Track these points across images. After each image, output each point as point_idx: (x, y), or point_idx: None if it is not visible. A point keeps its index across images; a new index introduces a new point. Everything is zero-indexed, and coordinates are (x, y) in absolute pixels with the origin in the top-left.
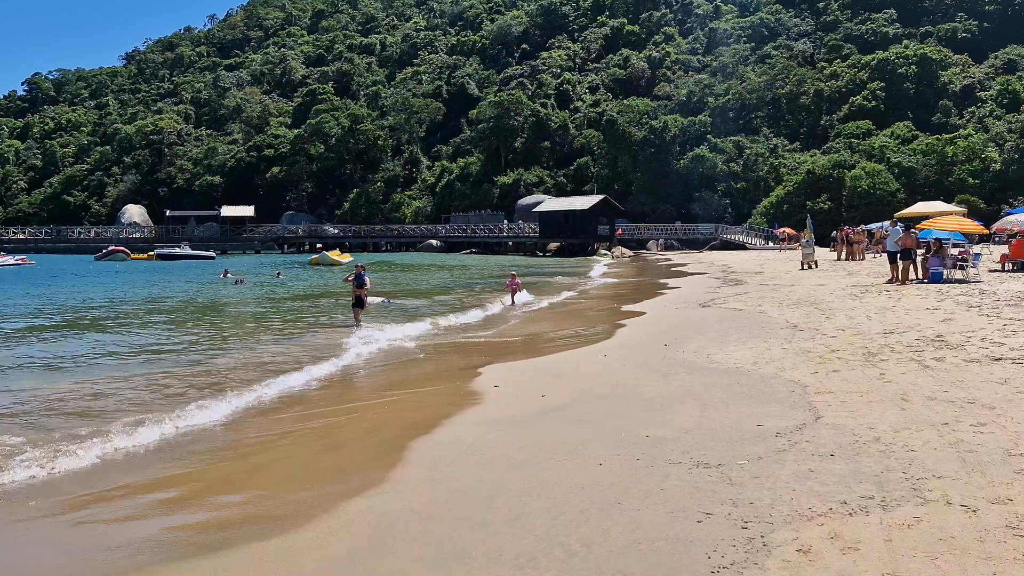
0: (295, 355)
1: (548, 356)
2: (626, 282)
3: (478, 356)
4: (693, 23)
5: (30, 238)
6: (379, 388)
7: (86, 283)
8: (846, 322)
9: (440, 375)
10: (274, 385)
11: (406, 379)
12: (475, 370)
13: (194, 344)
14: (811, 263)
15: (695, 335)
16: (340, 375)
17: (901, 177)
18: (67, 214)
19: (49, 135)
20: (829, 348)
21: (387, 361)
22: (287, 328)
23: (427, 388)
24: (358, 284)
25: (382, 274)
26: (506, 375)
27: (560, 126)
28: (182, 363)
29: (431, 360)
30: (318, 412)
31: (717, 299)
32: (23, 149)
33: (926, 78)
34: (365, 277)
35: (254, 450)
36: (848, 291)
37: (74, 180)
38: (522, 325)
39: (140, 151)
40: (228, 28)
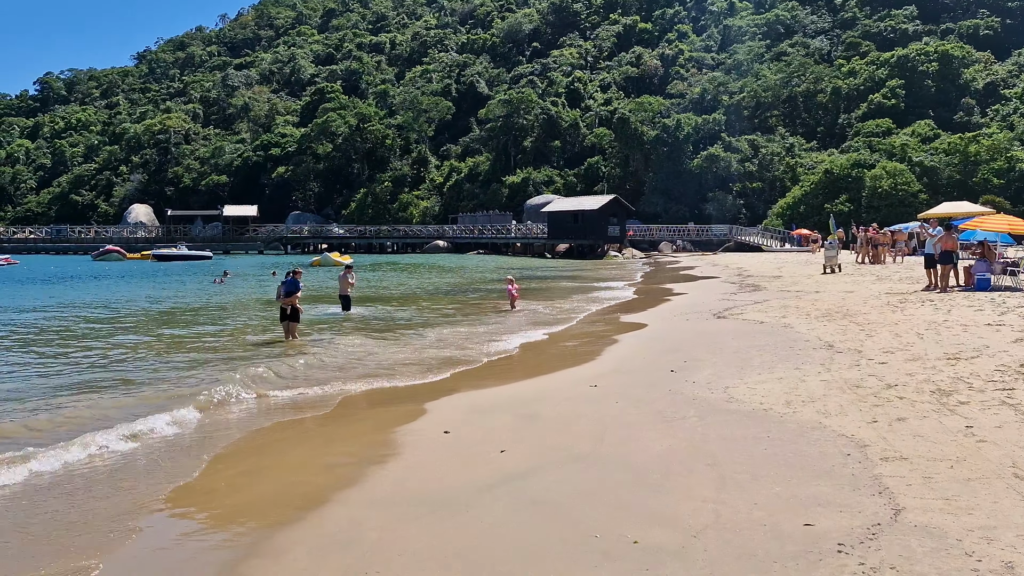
0: (106, 412)
1: (527, 382)
2: (633, 285)
3: (445, 379)
4: (707, 20)
5: (30, 237)
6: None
7: (59, 285)
8: (893, 341)
9: (362, 416)
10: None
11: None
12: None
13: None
14: (834, 267)
15: (708, 356)
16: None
17: (923, 177)
18: (75, 213)
19: (59, 135)
20: (883, 381)
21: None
22: (195, 352)
23: (341, 431)
24: (286, 292)
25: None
26: (464, 414)
27: (571, 125)
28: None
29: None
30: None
31: (733, 308)
32: (33, 149)
33: (948, 75)
34: (297, 283)
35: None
36: (883, 300)
37: (82, 179)
38: (507, 335)
39: (147, 150)
40: (239, 27)
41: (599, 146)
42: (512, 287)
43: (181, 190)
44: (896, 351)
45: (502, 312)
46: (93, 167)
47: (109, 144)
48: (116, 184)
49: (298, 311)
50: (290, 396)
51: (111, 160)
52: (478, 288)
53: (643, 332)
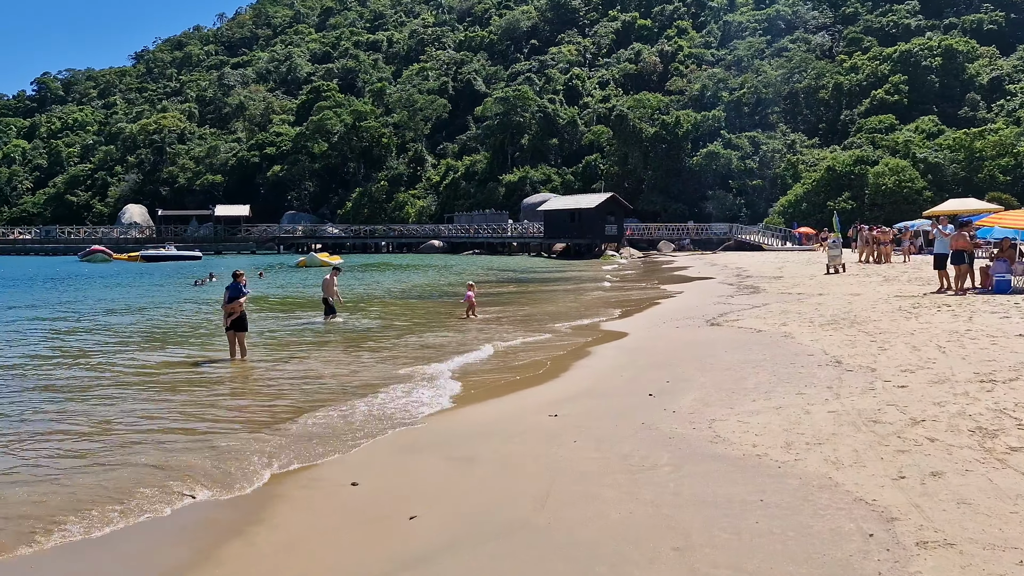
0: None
1: (478, 408)
2: (622, 287)
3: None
4: (707, 16)
5: (20, 239)
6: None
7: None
8: (911, 357)
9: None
10: None
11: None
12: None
13: None
14: (838, 267)
15: (696, 374)
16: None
17: (927, 174)
18: (70, 214)
19: (55, 135)
20: (905, 413)
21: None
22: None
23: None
24: (229, 298)
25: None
26: (387, 456)
27: (568, 122)
28: None
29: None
30: None
31: (729, 313)
32: (29, 149)
33: (952, 70)
34: (244, 289)
35: None
36: (894, 304)
37: (78, 180)
38: (468, 342)
39: (143, 150)
40: (237, 26)
41: (597, 144)
42: (470, 293)
43: (176, 190)
44: (916, 370)
45: (469, 320)
46: (89, 167)
47: (105, 144)
48: (111, 184)
49: (244, 319)
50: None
51: (107, 160)
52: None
53: (625, 343)
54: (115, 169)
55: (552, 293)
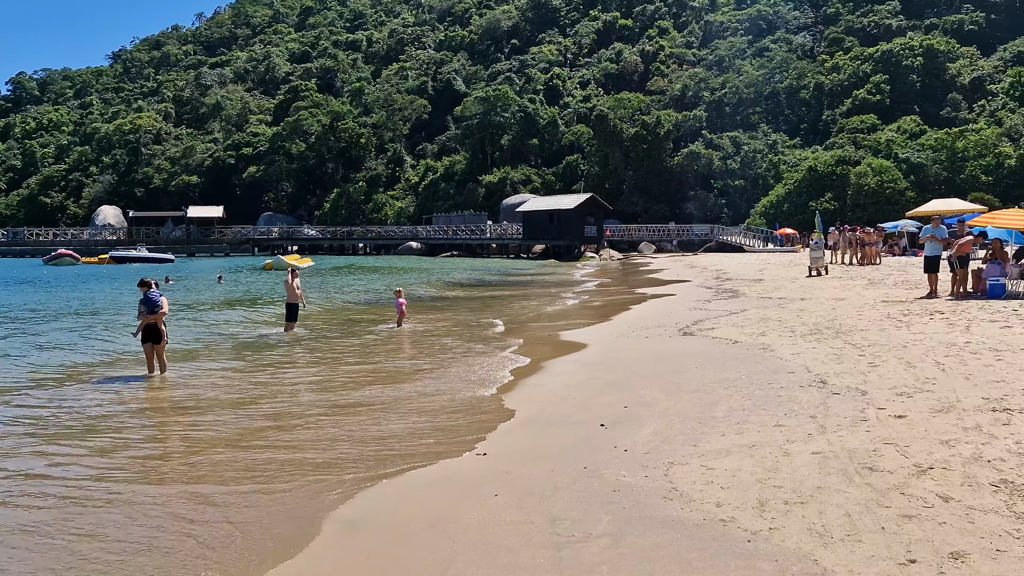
0: None
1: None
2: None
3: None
4: (688, 16)
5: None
6: None
7: None
8: (907, 375)
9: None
10: None
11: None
12: None
13: None
14: (820, 269)
15: (660, 398)
16: None
17: (910, 174)
18: (44, 216)
19: (30, 135)
20: (909, 458)
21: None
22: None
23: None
24: (148, 308)
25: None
26: None
27: (549, 122)
28: None
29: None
30: None
31: (704, 321)
32: (3, 150)
33: (933, 70)
34: (159, 298)
35: None
36: (881, 310)
37: (52, 181)
38: (393, 359)
39: (118, 150)
40: (215, 26)
41: (578, 144)
42: (400, 301)
43: (151, 191)
44: (914, 393)
45: (399, 330)
46: (63, 168)
47: (80, 145)
48: (86, 185)
49: (161, 332)
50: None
51: (81, 161)
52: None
53: (586, 355)
54: (90, 170)
55: (516, 298)
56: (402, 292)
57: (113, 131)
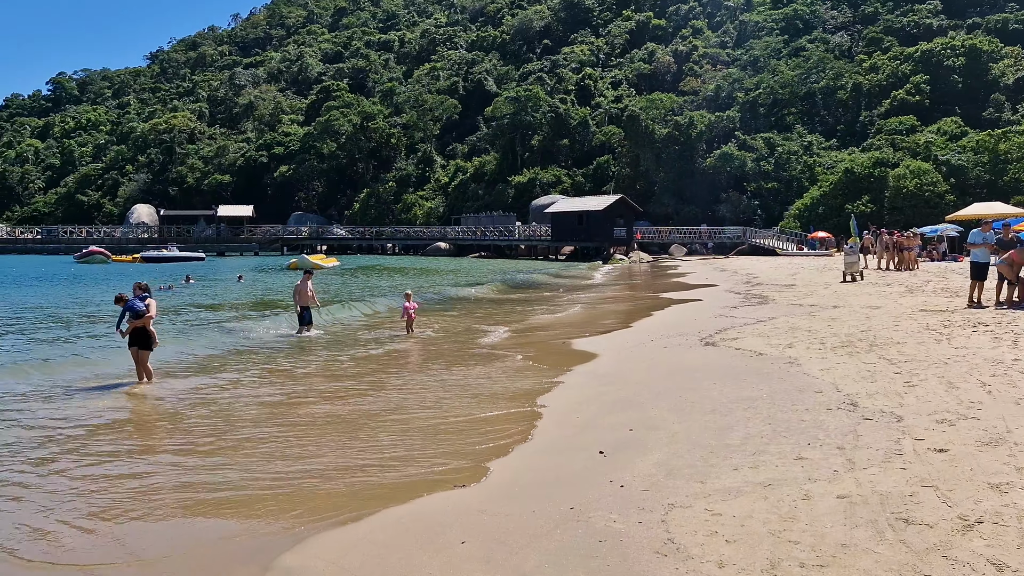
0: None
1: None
2: (614, 296)
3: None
4: (723, 16)
5: (21, 238)
6: None
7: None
8: (948, 399)
9: None
10: None
11: None
12: None
13: None
14: (855, 274)
15: (669, 420)
16: None
17: (950, 177)
18: (80, 213)
19: (69, 134)
20: (953, 507)
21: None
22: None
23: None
24: (133, 313)
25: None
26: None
27: (580, 123)
28: None
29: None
30: None
31: (729, 330)
32: (43, 148)
33: (975, 71)
34: (138, 304)
35: None
36: (919, 320)
37: (89, 179)
38: (382, 375)
39: (153, 149)
40: (251, 27)
41: (609, 145)
42: (408, 305)
43: (184, 190)
44: (957, 420)
45: (408, 337)
46: (100, 167)
47: (117, 144)
48: (122, 184)
49: (150, 337)
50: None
51: (118, 160)
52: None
53: (598, 368)
54: (126, 169)
55: (534, 301)
56: (411, 296)
57: (148, 130)
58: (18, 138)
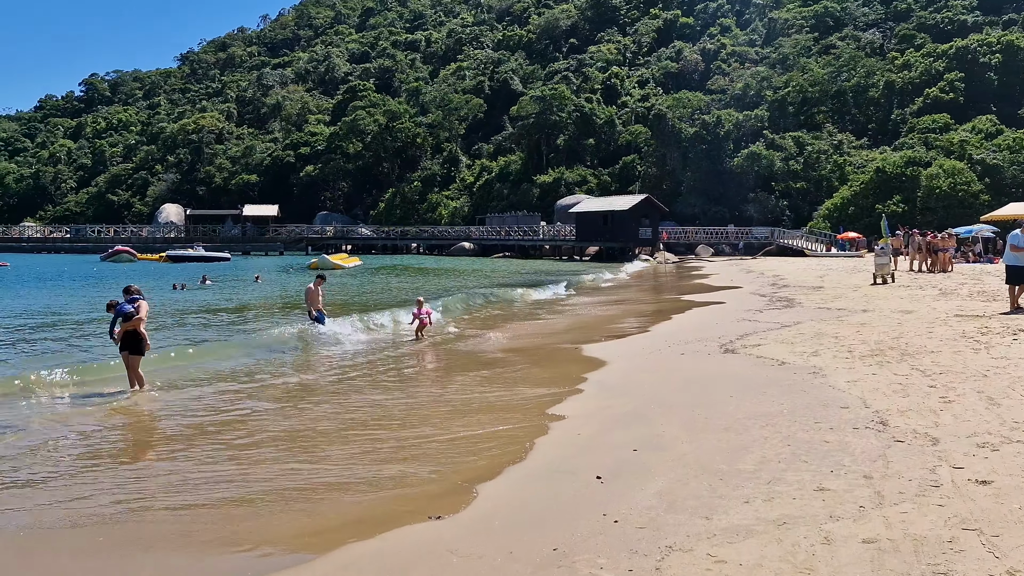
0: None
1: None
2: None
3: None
4: (751, 13)
5: (51, 237)
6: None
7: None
8: (989, 417)
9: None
10: None
11: None
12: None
13: None
14: (886, 277)
15: (678, 439)
16: None
17: (985, 176)
18: (111, 213)
19: (100, 135)
20: (1002, 558)
21: None
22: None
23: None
24: (123, 317)
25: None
26: None
27: (606, 122)
28: None
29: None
30: None
31: (751, 335)
32: (75, 149)
33: (1012, 68)
34: (127, 307)
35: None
36: (955, 327)
37: (119, 179)
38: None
39: (181, 149)
40: (279, 28)
41: (635, 144)
42: (422, 311)
43: (212, 189)
44: (1000, 444)
45: (419, 340)
46: (130, 167)
47: (147, 144)
48: (151, 184)
49: (141, 340)
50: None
51: (147, 160)
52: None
53: (608, 377)
54: (155, 169)
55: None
56: (423, 302)
57: (177, 131)
58: (51, 139)
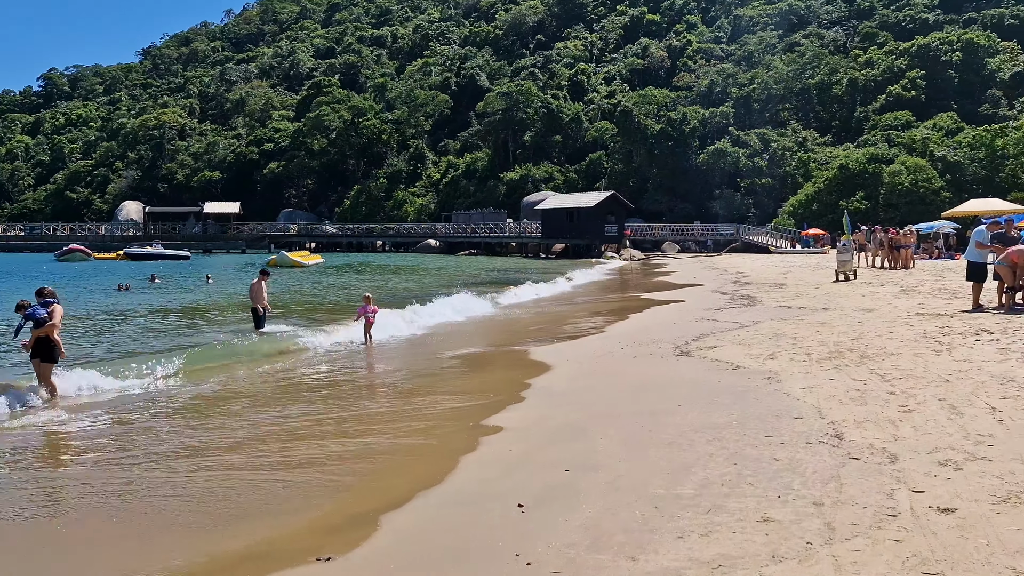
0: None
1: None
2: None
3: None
4: (717, 11)
5: (2, 236)
6: None
7: None
8: (953, 429)
9: None
10: None
11: None
12: None
13: None
14: (848, 273)
15: (616, 456)
16: None
17: (946, 173)
18: (70, 210)
19: (59, 131)
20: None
21: None
22: None
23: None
24: (35, 322)
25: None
26: None
27: (572, 119)
28: None
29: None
30: None
31: (708, 336)
32: (33, 145)
33: (972, 66)
34: (40, 311)
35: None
36: (916, 326)
37: (79, 176)
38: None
39: (142, 146)
40: (243, 23)
41: (601, 141)
42: (368, 308)
43: (174, 187)
44: (965, 462)
45: (364, 343)
46: (90, 164)
47: (107, 140)
48: (112, 181)
49: (54, 347)
50: None
51: (107, 156)
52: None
53: (553, 383)
54: (115, 165)
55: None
56: (372, 298)
57: (138, 126)
58: (8, 135)
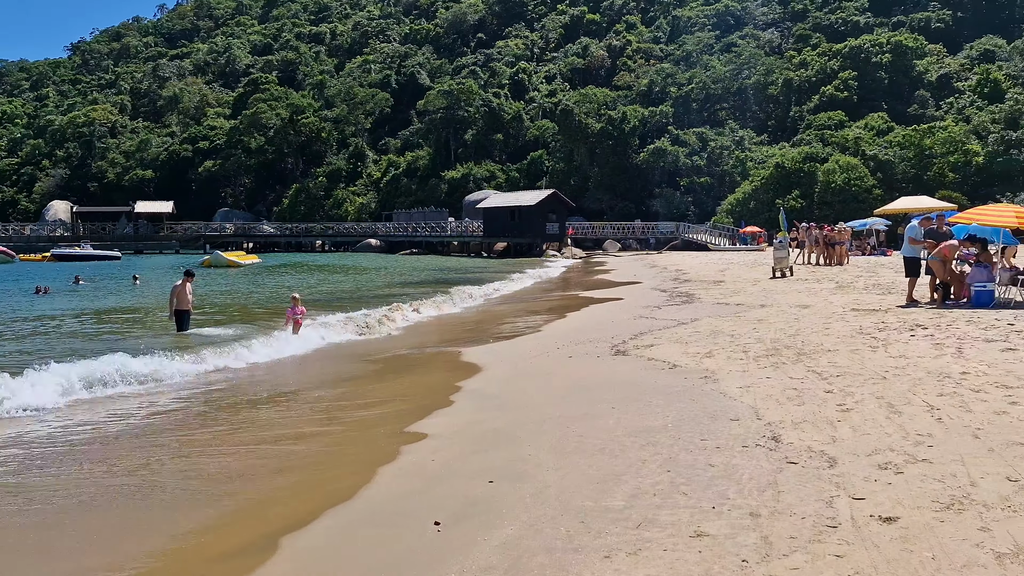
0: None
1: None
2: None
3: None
4: (656, 11)
5: None
6: None
7: None
8: (891, 429)
9: None
10: None
11: None
12: None
13: None
14: (784, 270)
15: (544, 465)
16: None
17: (877, 171)
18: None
19: None
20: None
21: None
22: None
23: None
24: None
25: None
26: None
27: (514, 117)
28: None
29: None
30: None
31: (645, 334)
32: None
33: (901, 67)
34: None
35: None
36: (852, 322)
37: (3, 175)
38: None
39: (70, 144)
40: (177, 18)
41: (543, 140)
42: (296, 310)
43: (105, 186)
44: (905, 464)
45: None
46: (15, 162)
47: (33, 138)
48: (38, 180)
49: None
50: None
51: (34, 154)
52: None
53: (484, 385)
54: (43, 164)
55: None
56: (299, 299)
57: (67, 124)
58: None
